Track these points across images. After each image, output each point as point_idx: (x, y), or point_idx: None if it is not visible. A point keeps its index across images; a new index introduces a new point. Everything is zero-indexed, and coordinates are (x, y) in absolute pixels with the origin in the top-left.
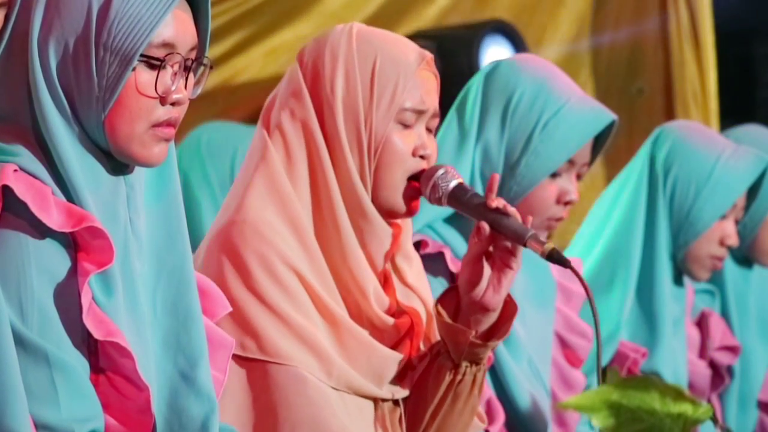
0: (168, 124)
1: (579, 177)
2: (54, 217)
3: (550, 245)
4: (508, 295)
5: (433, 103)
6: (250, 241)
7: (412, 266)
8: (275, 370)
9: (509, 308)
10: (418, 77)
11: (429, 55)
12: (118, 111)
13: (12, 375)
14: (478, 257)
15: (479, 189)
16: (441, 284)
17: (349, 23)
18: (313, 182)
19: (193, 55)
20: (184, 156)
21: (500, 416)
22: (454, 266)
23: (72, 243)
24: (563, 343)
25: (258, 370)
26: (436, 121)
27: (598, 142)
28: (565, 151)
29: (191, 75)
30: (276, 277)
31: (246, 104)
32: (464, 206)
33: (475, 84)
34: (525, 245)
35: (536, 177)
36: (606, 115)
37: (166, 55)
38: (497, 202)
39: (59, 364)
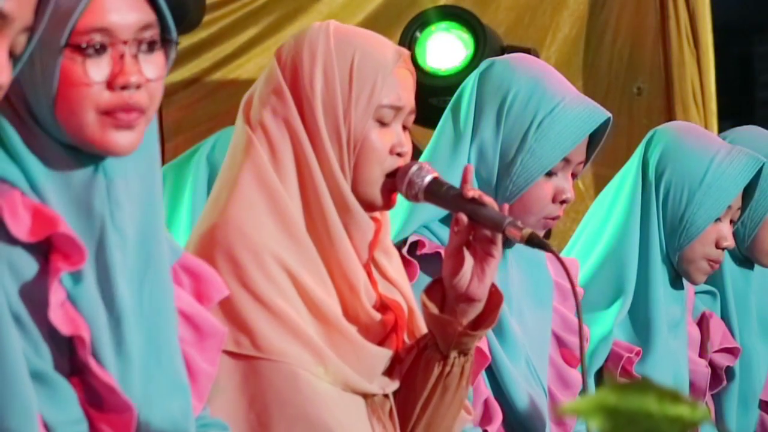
0: (124, 109)
1: (575, 176)
2: (22, 226)
3: (528, 230)
4: (494, 284)
5: (409, 100)
6: (238, 241)
7: (392, 261)
8: (268, 368)
9: (495, 297)
10: (395, 75)
11: (406, 53)
12: (62, 103)
13: (15, 374)
14: (459, 248)
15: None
16: None
17: (326, 21)
18: (300, 178)
19: (147, 35)
20: (198, 161)
21: (498, 416)
22: None
23: (45, 245)
24: (560, 342)
25: (252, 368)
26: (412, 117)
27: (594, 140)
28: (561, 150)
29: (154, 54)
30: (268, 274)
31: None
32: (441, 200)
33: (470, 84)
34: (504, 232)
35: (532, 176)
36: (600, 114)
37: (94, 42)
38: (473, 192)
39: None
